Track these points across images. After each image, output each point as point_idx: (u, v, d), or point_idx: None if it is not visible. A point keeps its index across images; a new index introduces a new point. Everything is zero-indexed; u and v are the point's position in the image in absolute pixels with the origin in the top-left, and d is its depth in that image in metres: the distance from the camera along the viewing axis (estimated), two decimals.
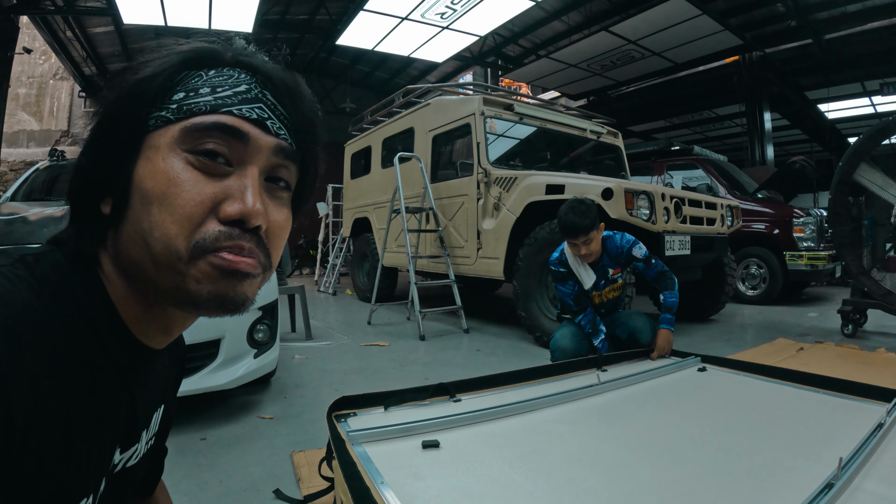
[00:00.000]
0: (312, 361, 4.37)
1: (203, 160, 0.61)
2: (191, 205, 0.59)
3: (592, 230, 3.33)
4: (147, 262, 0.60)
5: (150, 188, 0.59)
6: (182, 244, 0.59)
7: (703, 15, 9.95)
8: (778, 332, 5.43)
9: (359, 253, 8.94)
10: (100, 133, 0.64)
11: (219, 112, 0.63)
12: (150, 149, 0.62)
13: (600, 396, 2.26)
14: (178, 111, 0.62)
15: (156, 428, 0.85)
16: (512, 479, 1.42)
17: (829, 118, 15.58)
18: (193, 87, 0.64)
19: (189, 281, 0.60)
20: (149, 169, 0.61)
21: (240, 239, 0.61)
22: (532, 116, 6.32)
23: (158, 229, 0.59)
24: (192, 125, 0.61)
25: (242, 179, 0.63)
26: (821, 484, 1.34)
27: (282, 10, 12.66)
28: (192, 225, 0.59)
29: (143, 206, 0.60)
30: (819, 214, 7.55)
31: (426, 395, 2.11)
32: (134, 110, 0.62)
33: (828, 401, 2.16)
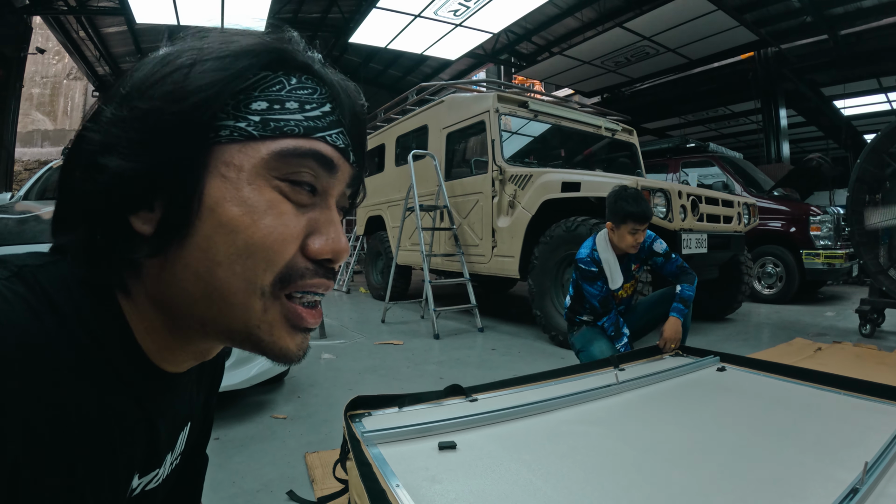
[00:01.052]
0: (326, 360, 4.38)
1: (297, 191, 0.55)
2: (288, 240, 0.54)
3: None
4: (214, 298, 0.54)
5: (236, 216, 0.52)
6: (269, 278, 0.54)
7: (718, 10, 9.89)
8: (795, 332, 5.39)
9: (372, 251, 8.96)
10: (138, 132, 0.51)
11: (312, 137, 0.56)
12: (228, 167, 0.53)
13: (618, 396, 2.24)
14: (264, 127, 0.54)
15: (182, 448, 0.77)
16: (530, 482, 1.40)
17: (845, 115, 15.44)
18: (278, 99, 0.55)
19: (263, 328, 0.55)
20: (229, 192, 0.52)
21: (325, 276, 0.58)
22: (546, 114, 6.29)
23: (241, 262, 0.52)
24: (287, 150, 0.54)
25: (328, 213, 0.58)
26: (846, 489, 1.32)
27: (294, 9, 12.69)
28: (283, 260, 0.54)
29: (223, 235, 0.52)
30: (836, 212, 7.49)
31: (442, 395, 2.10)
32: (201, 114, 0.52)
33: (849, 402, 2.13)
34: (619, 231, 3.29)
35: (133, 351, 0.56)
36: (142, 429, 0.59)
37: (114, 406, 0.53)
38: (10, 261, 0.51)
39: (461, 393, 2.11)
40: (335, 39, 14.19)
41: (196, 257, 0.52)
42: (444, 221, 6.56)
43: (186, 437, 0.77)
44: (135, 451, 0.59)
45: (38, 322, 0.47)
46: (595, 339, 3.48)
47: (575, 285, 3.60)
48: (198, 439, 0.89)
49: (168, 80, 0.52)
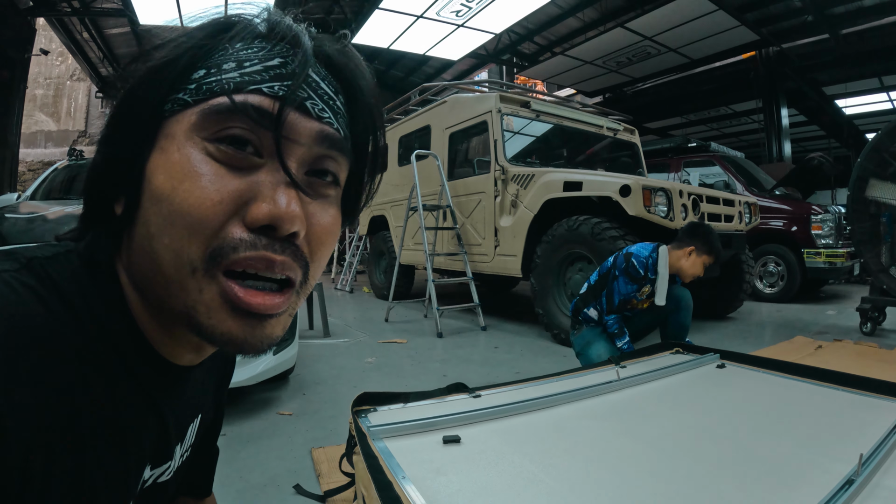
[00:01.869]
0: (330, 358, 4.41)
1: (225, 149, 0.50)
2: (207, 203, 0.48)
3: None
4: (156, 273, 0.51)
5: (161, 183, 0.49)
6: (196, 252, 0.49)
7: (719, 10, 9.91)
8: (796, 330, 5.41)
9: (376, 251, 9.00)
10: (114, 123, 0.54)
11: (244, 91, 0.51)
12: (165, 138, 0.51)
13: (619, 392, 2.27)
14: (197, 91, 0.51)
15: (192, 440, 0.76)
16: (533, 474, 1.43)
17: (846, 114, 15.45)
18: (216, 63, 0.52)
19: (200, 311, 0.50)
20: (161, 161, 0.51)
21: (267, 250, 0.50)
22: (548, 114, 6.32)
23: (168, 232, 0.49)
24: (210, 107, 0.50)
25: (274, 175, 0.51)
26: (841, 480, 1.33)
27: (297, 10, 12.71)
28: (210, 229, 0.49)
29: (153, 205, 0.50)
30: (837, 211, 7.51)
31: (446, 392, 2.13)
32: (150, 94, 0.52)
33: (847, 398, 2.15)
34: (698, 258, 3.45)
35: (139, 341, 0.56)
36: (151, 419, 0.59)
37: (122, 395, 0.53)
38: (21, 253, 0.51)
39: (465, 390, 2.14)
40: None
41: (140, 232, 0.52)
42: (447, 221, 6.59)
43: (196, 430, 0.77)
44: (144, 441, 0.58)
45: (48, 312, 0.47)
46: (594, 341, 3.52)
47: (603, 275, 3.61)
48: (208, 431, 0.90)
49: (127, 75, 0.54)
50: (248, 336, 0.52)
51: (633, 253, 3.47)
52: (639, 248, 3.50)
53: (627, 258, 3.46)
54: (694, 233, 3.46)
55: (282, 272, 0.52)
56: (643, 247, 3.52)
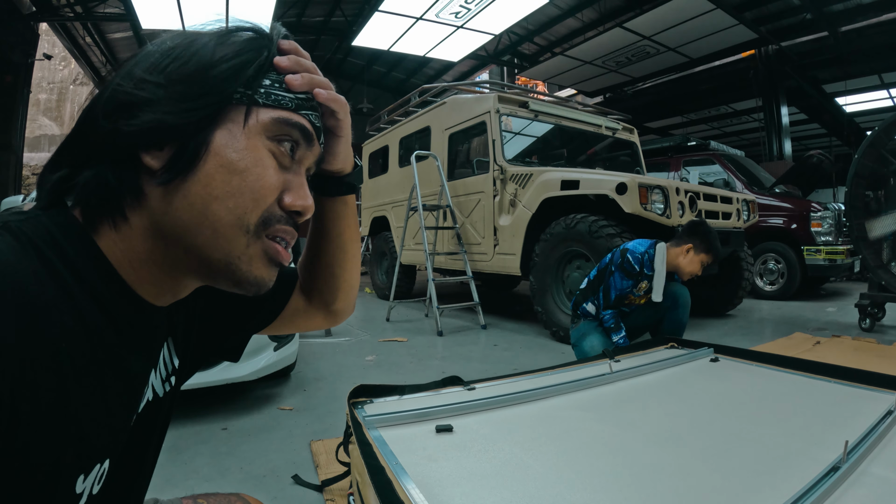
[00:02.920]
0: (331, 356, 4.45)
1: (282, 151, 0.66)
2: (270, 187, 0.65)
3: None
4: (205, 227, 0.62)
5: (236, 161, 0.62)
6: (254, 218, 0.63)
7: (718, 9, 9.92)
8: (795, 327, 5.42)
9: (377, 251, 9.02)
10: (186, 88, 0.62)
11: (299, 113, 0.68)
12: (233, 123, 0.64)
13: (612, 385, 2.28)
14: (267, 97, 0.66)
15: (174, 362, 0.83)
16: (523, 461, 1.46)
17: (847, 111, 15.43)
18: (278, 80, 0.68)
19: (243, 260, 0.64)
20: (232, 142, 0.63)
21: (291, 225, 0.68)
22: (547, 114, 6.34)
23: (234, 199, 0.62)
24: (281, 118, 0.66)
25: (300, 177, 0.70)
26: (826, 467, 1.35)
27: (298, 13, 12.75)
28: (266, 203, 0.64)
29: (222, 175, 0.62)
30: (837, 208, 7.50)
31: (441, 385, 2.16)
32: (230, 83, 0.63)
33: (838, 389, 2.17)
34: (695, 256, 3.46)
35: (114, 282, 0.63)
36: (127, 358, 0.65)
37: (99, 335, 0.59)
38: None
39: (459, 383, 2.17)
40: (338, 42, 14.26)
41: (196, 191, 0.61)
42: (447, 221, 6.61)
43: (175, 350, 0.83)
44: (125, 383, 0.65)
45: (25, 263, 0.52)
46: (589, 334, 3.55)
47: (601, 271, 3.64)
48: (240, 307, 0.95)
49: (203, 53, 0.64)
50: (270, 279, 0.69)
51: (628, 249, 3.51)
52: (635, 245, 3.53)
53: (623, 254, 3.49)
54: (693, 231, 3.49)
55: (291, 240, 0.70)
56: (640, 243, 3.55)
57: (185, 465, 2.27)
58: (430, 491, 1.27)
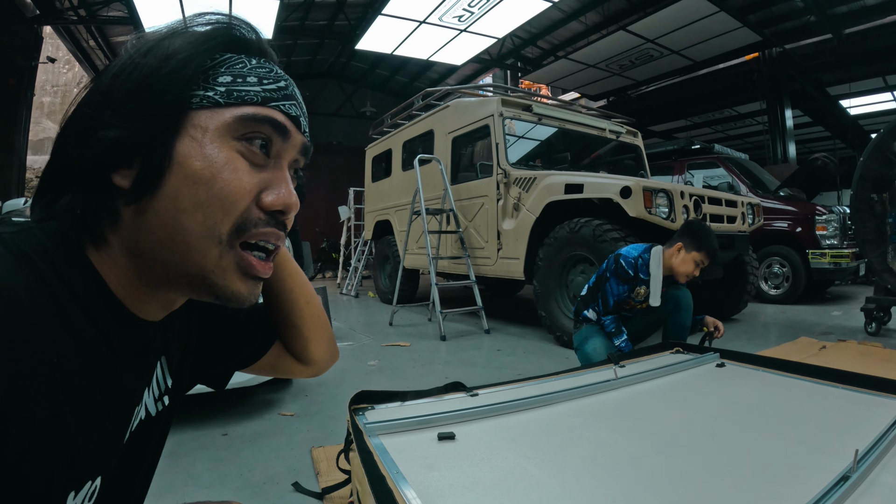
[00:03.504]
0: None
1: (252, 150, 0.63)
2: (242, 192, 0.62)
3: None
4: (175, 240, 0.60)
5: (200, 170, 0.60)
6: (226, 227, 0.61)
7: (721, 12, 9.91)
8: (801, 331, 5.39)
9: (380, 255, 9.01)
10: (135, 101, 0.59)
11: (268, 106, 0.64)
12: (196, 129, 0.61)
13: (617, 391, 2.26)
14: (228, 96, 0.62)
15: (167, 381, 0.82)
16: (526, 470, 1.44)
17: (851, 114, 15.40)
18: (240, 74, 0.64)
19: (217, 273, 0.62)
20: (196, 150, 0.60)
21: (276, 227, 0.66)
22: (551, 117, 6.34)
23: (202, 210, 0.60)
24: (245, 115, 0.62)
25: (279, 172, 0.66)
26: (836, 476, 1.33)
27: (301, 17, 12.75)
28: (239, 210, 0.62)
29: (188, 186, 0.60)
30: (842, 212, 7.48)
31: (443, 391, 2.14)
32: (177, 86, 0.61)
33: (846, 395, 2.15)
34: (687, 255, 3.40)
35: (106, 297, 0.62)
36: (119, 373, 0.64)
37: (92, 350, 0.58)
38: None
39: (462, 389, 2.15)
40: (342, 46, 14.27)
41: (164, 206, 0.60)
42: (451, 225, 6.60)
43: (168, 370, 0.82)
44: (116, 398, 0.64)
45: (16, 276, 0.51)
46: (591, 337, 3.53)
47: (599, 278, 3.61)
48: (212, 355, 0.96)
49: (146, 61, 0.60)
50: (249, 294, 0.66)
51: (621, 254, 3.49)
52: (628, 249, 3.52)
53: (616, 259, 3.48)
54: (684, 230, 3.47)
55: (276, 241, 0.67)
56: (634, 248, 3.54)
57: (185, 471, 2.25)
58: (431, 501, 1.26)
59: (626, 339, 3.40)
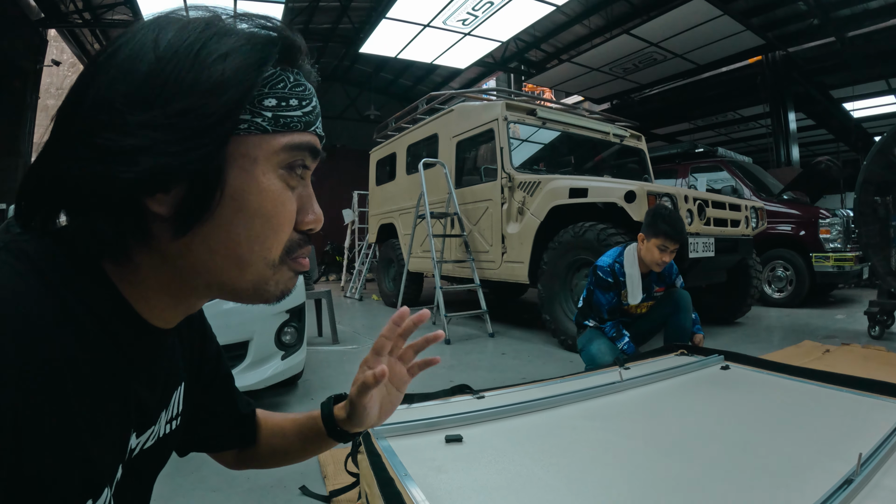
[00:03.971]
0: (338, 364, 4.45)
1: (294, 177, 0.63)
2: (289, 223, 0.63)
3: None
4: (229, 266, 0.61)
5: (256, 205, 0.59)
6: (277, 254, 0.63)
7: (725, 15, 9.93)
8: (804, 335, 5.39)
9: (384, 258, 9.00)
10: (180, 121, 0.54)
11: (308, 131, 0.64)
12: (245, 158, 0.59)
13: (622, 394, 2.28)
14: (275, 122, 0.60)
15: (180, 408, 0.80)
16: (533, 472, 1.45)
17: (854, 117, 15.35)
18: (283, 96, 0.61)
19: (270, 284, 0.64)
20: (249, 183, 0.59)
21: (307, 244, 0.68)
22: (555, 121, 6.35)
23: (260, 243, 0.61)
24: (292, 144, 0.61)
25: (308, 190, 0.67)
26: (840, 480, 1.34)
27: (305, 20, 12.78)
28: (286, 238, 0.63)
29: (243, 220, 0.59)
30: (846, 215, 7.45)
31: (450, 393, 2.16)
32: (234, 111, 0.57)
33: (850, 399, 2.16)
34: (649, 244, 3.36)
35: (119, 306, 0.60)
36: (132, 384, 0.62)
37: (105, 361, 0.56)
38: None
39: (469, 391, 2.16)
40: (346, 49, 14.30)
41: (215, 236, 0.59)
42: (455, 228, 6.60)
43: (183, 397, 0.81)
44: (128, 408, 0.61)
45: (25, 284, 0.50)
46: (595, 338, 3.55)
47: (588, 291, 3.64)
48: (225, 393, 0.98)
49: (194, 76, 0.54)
50: (291, 287, 0.68)
51: (597, 265, 3.53)
52: (603, 258, 3.55)
53: (594, 271, 3.52)
54: (644, 220, 3.46)
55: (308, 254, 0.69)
56: (609, 254, 3.57)
57: (192, 475, 2.26)
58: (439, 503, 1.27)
59: (628, 342, 3.42)
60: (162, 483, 0.83)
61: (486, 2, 10.06)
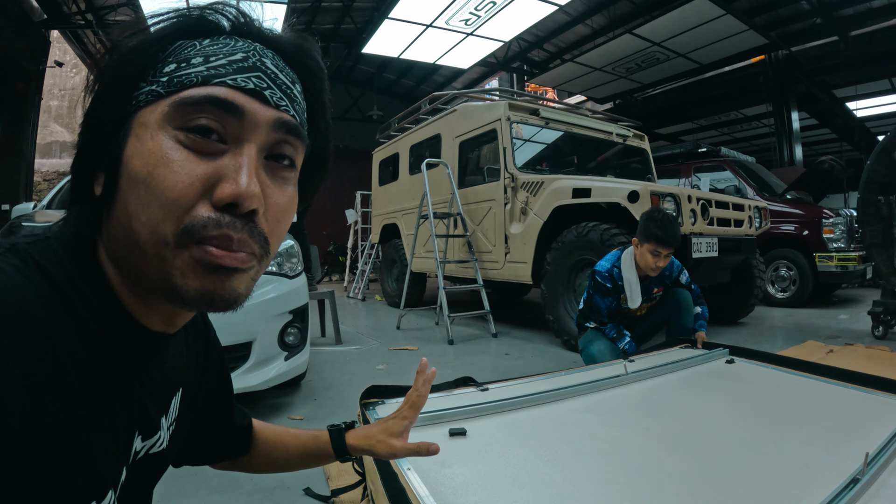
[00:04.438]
0: (342, 365, 4.45)
1: (194, 137, 0.55)
2: (179, 187, 0.54)
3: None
4: (134, 248, 0.56)
5: (138, 168, 0.55)
6: (169, 229, 0.54)
7: (727, 14, 9.89)
8: (808, 335, 5.38)
9: (387, 259, 9.02)
10: (91, 108, 0.58)
11: (210, 84, 0.57)
12: (140, 126, 0.56)
13: (627, 387, 2.28)
14: (169, 84, 0.57)
15: (176, 413, 0.79)
16: (537, 467, 1.45)
17: (857, 116, 15.31)
18: (185, 58, 0.58)
19: (175, 274, 0.55)
20: (137, 148, 0.56)
21: (229, 228, 0.55)
22: (558, 121, 6.34)
23: (145, 212, 0.54)
24: (181, 99, 0.56)
25: (237, 158, 0.57)
26: (846, 479, 1.33)
27: (307, 20, 12.77)
28: (181, 209, 0.54)
29: (131, 188, 0.55)
30: (849, 215, 7.44)
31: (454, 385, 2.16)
32: (124, 84, 0.57)
33: (855, 395, 2.15)
34: (642, 249, 3.32)
35: (118, 310, 0.60)
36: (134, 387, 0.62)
37: (104, 359, 0.56)
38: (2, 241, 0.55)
39: (473, 383, 2.16)
40: (348, 50, 14.28)
41: (120, 212, 0.57)
42: (458, 228, 6.61)
43: (179, 403, 0.80)
44: (131, 411, 0.62)
45: (32, 287, 0.50)
46: (595, 339, 3.54)
47: (588, 295, 3.63)
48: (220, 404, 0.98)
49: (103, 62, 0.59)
50: (217, 289, 0.57)
51: (595, 270, 3.51)
52: (601, 263, 3.53)
53: (592, 276, 3.51)
54: (638, 225, 3.42)
55: (239, 248, 0.57)
56: (607, 258, 3.55)
57: (196, 476, 2.26)
58: (443, 498, 1.27)
59: (629, 341, 3.41)
60: (165, 484, 0.83)
61: (488, 2, 10.06)
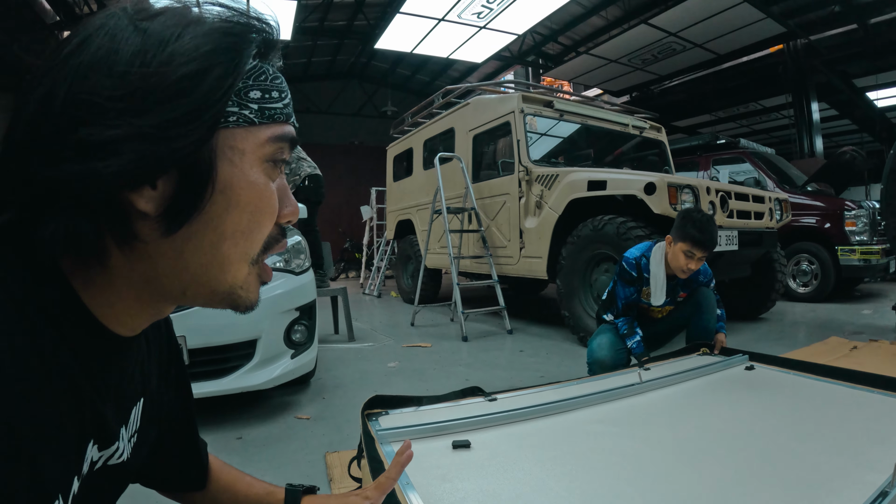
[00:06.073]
0: (353, 362, 4.42)
1: (275, 170, 0.62)
2: (271, 217, 0.62)
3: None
4: (213, 265, 0.59)
5: (246, 199, 0.59)
6: (258, 249, 0.62)
7: (744, 2, 9.75)
8: (830, 331, 5.28)
9: (402, 255, 9.02)
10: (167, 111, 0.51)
11: (289, 123, 0.63)
12: (233, 150, 0.57)
13: (641, 396, 2.21)
14: (261, 115, 0.60)
15: (137, 425, 0.76)
16: (544, 482, 1.39)
17: (878, 106, 15.12)
18: (266, 88, 0.61)
19: (243, 286, 0.62)
20: (238, 177, 0.58)
21: (284, 238, 0.66)
22: (573, 113, 6.26)
23: (245, 238, 0.60)
24: (277, 136, 0.61)
25: (283, 181, 0.65)
26: (875, 492, 1.27)
27: (320, 17, 12.79)
28: (268, 232, 0.63)
29: (233, 215, 0.58)
30: (872, 207, 7.33)
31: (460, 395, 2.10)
32: (221, 100, 0.54)
33: (883, 401, 2.07)
34: (675, 248, 3.17)
35: (78, 311, 0.57)
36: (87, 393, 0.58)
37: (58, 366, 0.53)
38: None
39: (480, 393, 2.11)
40: (361, 46, 14.32)
41: (203, 233, 0.57)
42: (472, 223, 6.57)
43: (141, 413, 0.77)
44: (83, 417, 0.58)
45: None
46: (600, 333, 3.46)
47: (613, 281, 3.54)
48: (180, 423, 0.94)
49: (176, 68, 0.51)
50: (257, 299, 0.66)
51: (624, 256, 3.39)
52: (632, 250, 3.40)
53: (619, 261, 3.39)
54: (676, 220, 3.26)
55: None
56: (637, 248, 3.41)
57: None
58: None
59: (638, 341, 3.29)
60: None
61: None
